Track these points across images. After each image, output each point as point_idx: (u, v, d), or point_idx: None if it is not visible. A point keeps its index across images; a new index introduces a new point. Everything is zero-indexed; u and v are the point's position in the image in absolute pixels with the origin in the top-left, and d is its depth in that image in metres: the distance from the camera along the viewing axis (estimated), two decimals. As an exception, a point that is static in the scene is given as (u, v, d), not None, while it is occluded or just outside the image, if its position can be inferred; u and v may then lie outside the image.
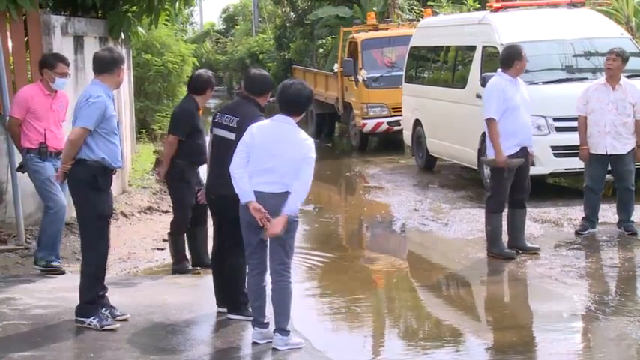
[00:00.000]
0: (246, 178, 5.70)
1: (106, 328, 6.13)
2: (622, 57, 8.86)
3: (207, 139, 7.00)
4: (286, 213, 5.61)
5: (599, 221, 9.23)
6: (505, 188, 8.28)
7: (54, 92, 7.69)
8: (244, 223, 5.81)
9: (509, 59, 8.32)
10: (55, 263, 7.67)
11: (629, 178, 8.99)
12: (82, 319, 6.19)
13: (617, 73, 8.89)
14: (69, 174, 6.19)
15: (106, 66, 6.21)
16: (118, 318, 6.31)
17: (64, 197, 7.70)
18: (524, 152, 8.28)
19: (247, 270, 5.99)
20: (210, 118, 7.60)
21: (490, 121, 8.17)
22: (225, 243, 6.40)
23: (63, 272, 7.72)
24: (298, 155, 5.65)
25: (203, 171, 7.36)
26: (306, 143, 5.73)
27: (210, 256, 8.04)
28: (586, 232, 9.04)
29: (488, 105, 8.22)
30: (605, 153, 8.88)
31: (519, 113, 8.20)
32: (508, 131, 8.17)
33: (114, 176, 6.40)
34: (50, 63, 7.64)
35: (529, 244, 8.47)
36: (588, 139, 8.96)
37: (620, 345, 6.02)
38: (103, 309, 6.29)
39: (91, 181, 6.09)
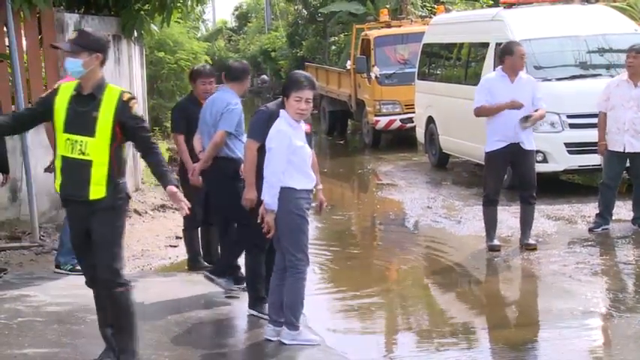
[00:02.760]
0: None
1: (232, 295, 6.90)
2: None
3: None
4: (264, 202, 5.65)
5: (613, 218, 9.19)
6: (490, 183, 8.51)
7: None
8: None
9: (501, 54, 8.47)
10: None
11: None
12: (216, 278, 7.08)
13: (639, 70, 8.82)
14: (212, 171, 6.90)
15: (238, 74, 7.05)
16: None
17: None
18: (512, 148, 8.26)
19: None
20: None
21: (476, 110, 8.41)
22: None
23: None
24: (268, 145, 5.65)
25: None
26: (272, 131, 5.63)
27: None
28: (600, 228, 9.00)
29: (475, 97, 8.46)
30: (623, 150, 8.85)
31: (505, 111, 8.18)
32: (491, 127, 8.35)
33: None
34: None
35: (530, 240, 8.46)
36: (607, 136, 8.92)
37: (634, 342, 5.99)
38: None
39: (235, 175, 6.84)
